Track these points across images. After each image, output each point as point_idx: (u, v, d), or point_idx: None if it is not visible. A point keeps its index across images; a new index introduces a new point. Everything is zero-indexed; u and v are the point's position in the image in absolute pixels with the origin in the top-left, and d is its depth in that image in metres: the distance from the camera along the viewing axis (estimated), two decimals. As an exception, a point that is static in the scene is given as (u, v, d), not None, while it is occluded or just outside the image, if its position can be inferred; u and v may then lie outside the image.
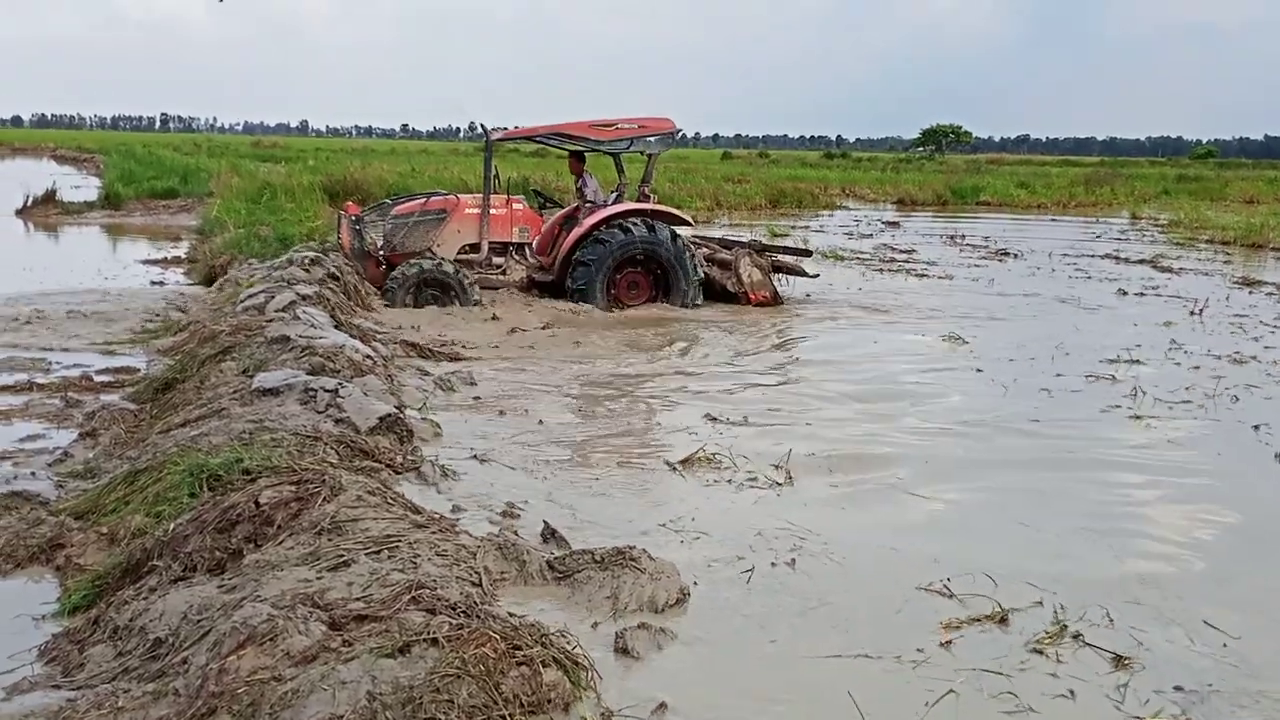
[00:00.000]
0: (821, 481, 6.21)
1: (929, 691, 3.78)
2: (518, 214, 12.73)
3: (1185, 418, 7.90)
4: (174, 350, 8.85)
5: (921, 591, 4.65)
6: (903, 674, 3.92)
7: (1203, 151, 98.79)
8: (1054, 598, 4.60)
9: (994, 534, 5.49)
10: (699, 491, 5.98)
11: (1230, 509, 5.92)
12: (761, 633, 4.23)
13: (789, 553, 5.04)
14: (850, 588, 4.70)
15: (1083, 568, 5.02)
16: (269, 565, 3.99)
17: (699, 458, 6.49)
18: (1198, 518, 5.78)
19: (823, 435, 7.16)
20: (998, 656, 4.08)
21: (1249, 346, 10.85)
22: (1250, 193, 40.93)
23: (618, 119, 12.59)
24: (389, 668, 3.13)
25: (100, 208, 24.85)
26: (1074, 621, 4.37)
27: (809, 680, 3.87)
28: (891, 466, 6.51)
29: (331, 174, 28.11)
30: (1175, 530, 5.59)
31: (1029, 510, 5.81)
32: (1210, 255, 21.12)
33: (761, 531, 5.30)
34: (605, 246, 12.20)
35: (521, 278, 12.67)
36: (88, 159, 52.60)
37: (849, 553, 5.08)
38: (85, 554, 4.65)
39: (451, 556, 4.21)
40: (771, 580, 4.74)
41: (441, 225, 12.39)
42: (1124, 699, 3.79)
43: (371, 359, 7.88)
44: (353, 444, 5.64)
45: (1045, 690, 3.83)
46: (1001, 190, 41.23)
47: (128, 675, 3.52)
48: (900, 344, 10.82)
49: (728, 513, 5.63)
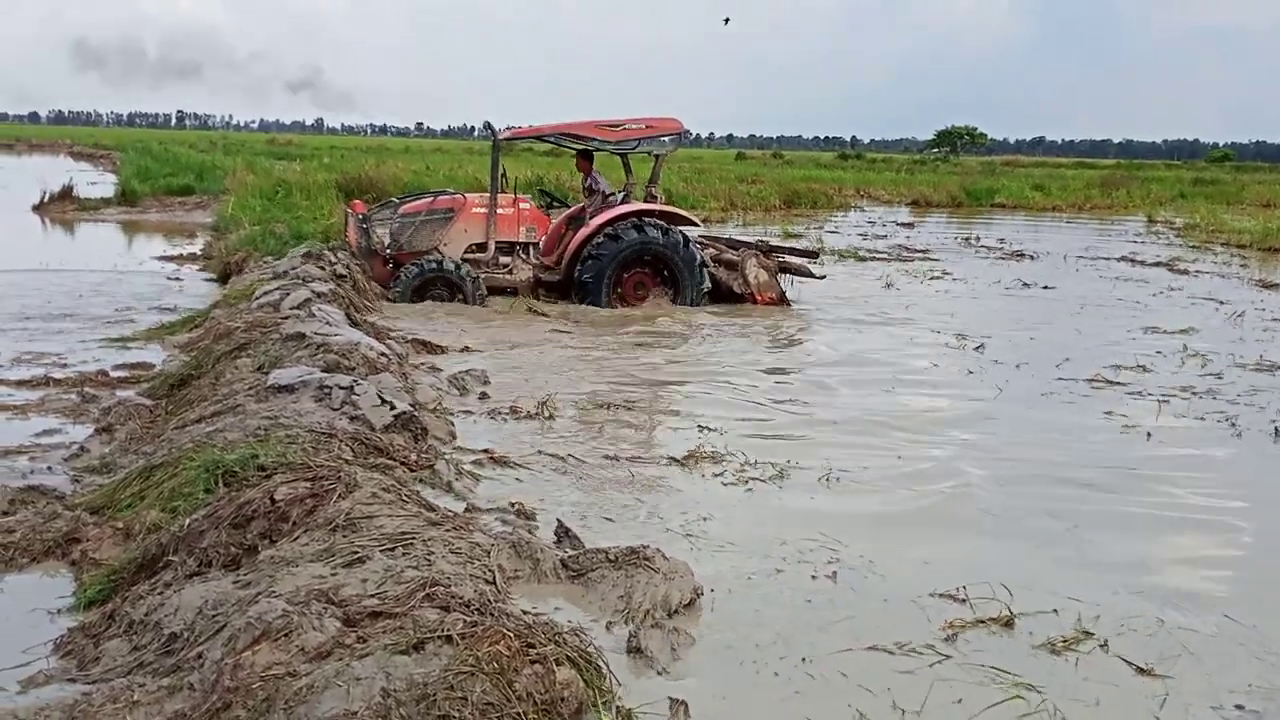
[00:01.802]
0: (843, 489, 6.20)
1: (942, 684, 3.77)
2: (525, 213, 12.79)
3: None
4: (190, 346, 8.88)
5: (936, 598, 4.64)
6: (920, 671, 3.92)
7: (1219, 155, 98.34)
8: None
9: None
10: (710, 490, 5.99)
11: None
12: (778, 634, 4.22)
13: (808, 554, 5.04)
14: (873, 595, 4.70)
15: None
16: (284, 561, 3.99)
17: (702, 454, 6.53)
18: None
19: (835, 441, 7.16)
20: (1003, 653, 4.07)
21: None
22: (1267, 196, 40.61)
23: (625, 119, 12.65)
24: (403, 664, 3.13)
25: (116, 204, 24.97)
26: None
27: (827, 680, 3.87)
28: (924, 476, 6.46)
29: (346, 172, 28.17)
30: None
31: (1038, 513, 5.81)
32: (1226, 259, 21.01)
33: (775, 532, 5.29)
34: (617, 244, 12.22)
35: (528, 277, 12.69)
36: (104, 156, 52.84)
37: (877, 560, 5.07)
38: (101, 549, 4.67)
39: (465, 554, 4.21)
40: (787, 580, 4.74)
41: (449, 224, 12.43)
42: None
43: (386, 357, 7.90)
44: (367, 441, 5.65)
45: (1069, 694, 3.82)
46: (1016, 192, 41.08)
47: (143, 670, 3.53)
48: (915, 346, 10.80)
49: (740, 513, 5.63)
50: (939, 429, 7.46)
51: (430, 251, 12.11)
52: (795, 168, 52.05)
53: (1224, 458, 7.05)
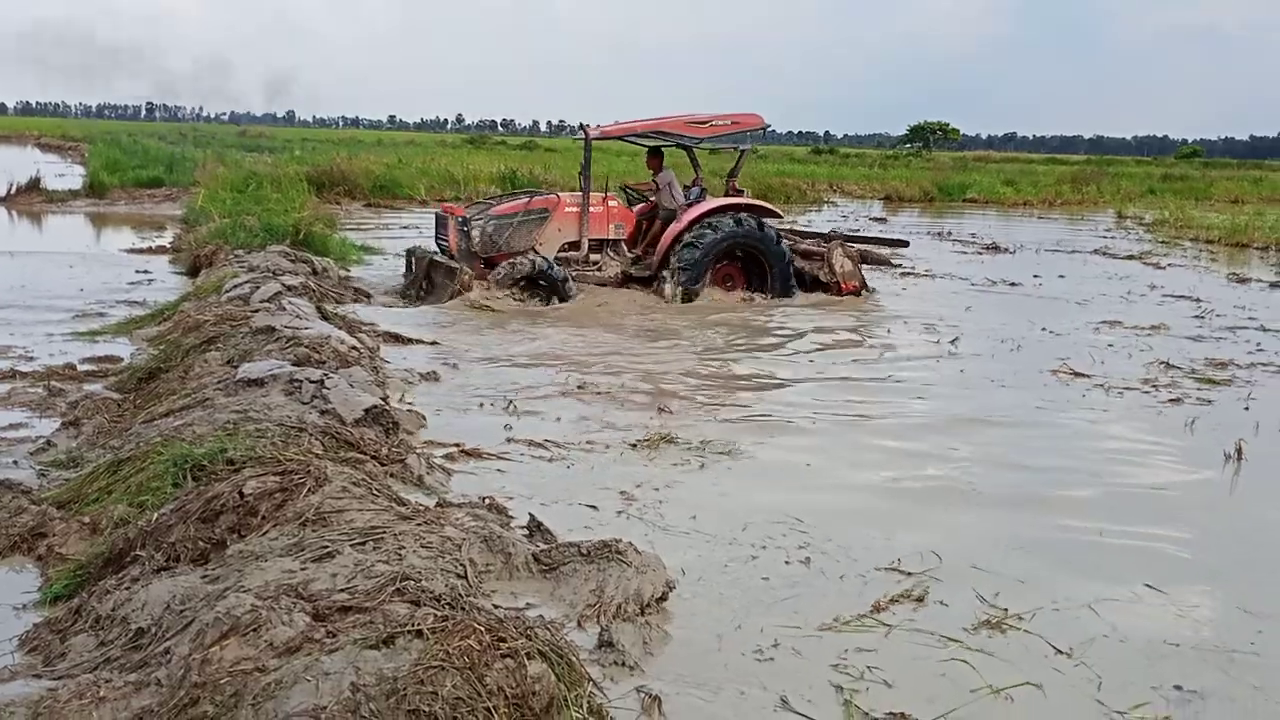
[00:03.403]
0: (812, 477, 6.23)
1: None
2: (613, 211, 13.05)
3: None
4: (158, 339, 8.80)
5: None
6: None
7: (1188, 151, 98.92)
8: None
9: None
10: (677, 476, 6.02)
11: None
12: (750, 624, 4.23)
13: (782, 544, 5.06)
14: (832, 574, 4.72)
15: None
16: (253, 556, 3.96)
17: (659, 440, 6.65)
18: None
19: (812, 429, 7.18)
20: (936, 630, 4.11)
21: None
22: (1235, 193, 41.09)
23: (711, 115, 13.05)
24: (373, 659, 3.11)
25: (85, 196, 24.71)
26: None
27: (798, 670, 3.88)
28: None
29: (318, 164, 28.04)
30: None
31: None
32: (1196, 254, 21.21)
33: (750, 523, 5.33)
34: (715, 234, 12.55)
35: (617, 273, 12.79)
36: (72, 147, 52.27)
37: (848, 544, 5.10)
38: (67, 543, 4.62)
39: (436, 548, 4.19)
40: (761, 573, 4.75)
41: (544, 224, 12.62)
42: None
43: (357, 350, 7.85)
44: (338, 435, 5.62)
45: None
46: (988, 188, 41.28)
47: (109, 665, 3.49)
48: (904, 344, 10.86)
49: (719, 502, 5.66)
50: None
51: (526, 251, 12.28)
52: (769, 162, 52.02)
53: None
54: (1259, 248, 22.32)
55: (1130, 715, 3.68)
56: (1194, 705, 3.79)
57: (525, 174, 31.07)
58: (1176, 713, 3.72)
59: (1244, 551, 5.40)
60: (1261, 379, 9.33)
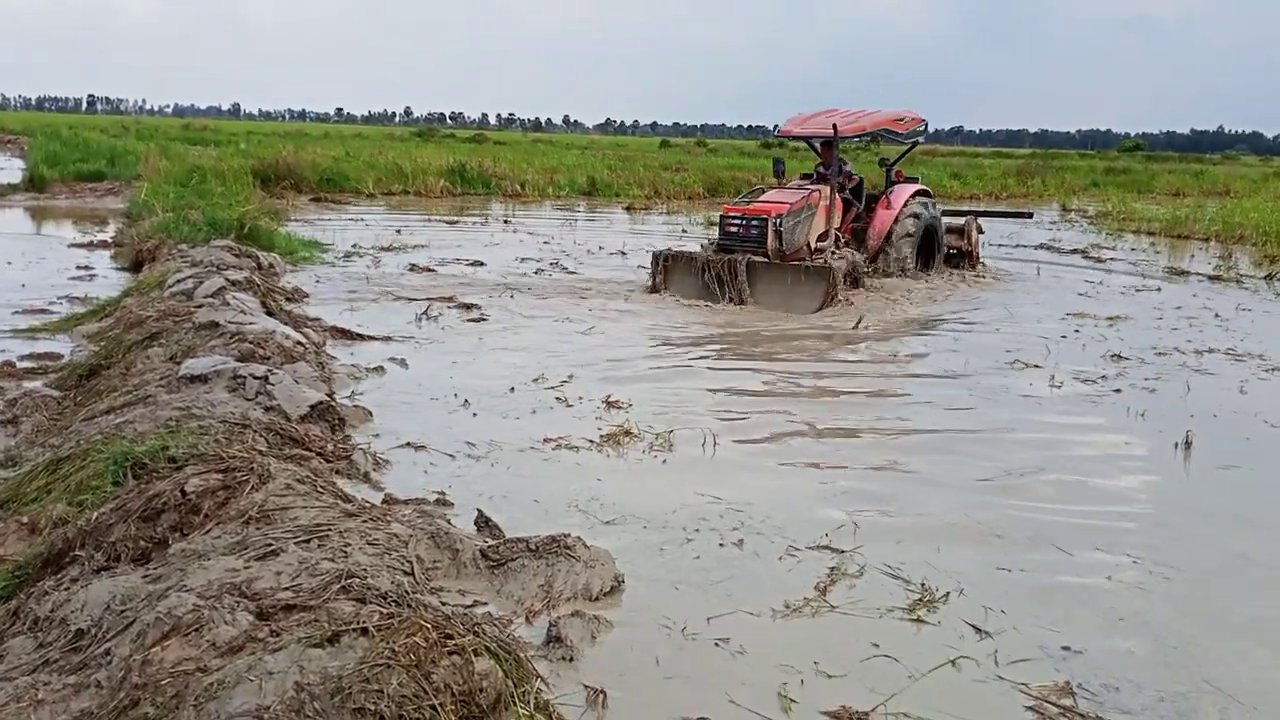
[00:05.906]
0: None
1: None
2: (839, 203, 13.60)
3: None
4: (99, 336, 8.65)
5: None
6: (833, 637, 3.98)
7: (1130, 145, 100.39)
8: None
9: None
10: (632, 473, 6.03)
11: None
12: (698, 615, 4.25)
13: (721, 529, 5.09)
14: (772, 557, 4.75)
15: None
16: (195, 554, 3.91)
17: (624, 434, 6.69)
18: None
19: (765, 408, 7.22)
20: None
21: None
22: (1176, 186, 41.75)
23: (903, 113, 14.64)
24: (317, 658, 3.08)
25: (24, 190, 24.23)
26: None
27: (751, 665, 3.91)
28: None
29: (263, 158, 27.71)
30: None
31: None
32: (1137, 245, 21.56)
33: (682, 508, 5.40)
34: (919, 220, 14.08)
35: (846, 262, 12.69)
36: (11, 141, 51.23)
37: (783, 524, 5.14)
38: (5, 544, 4.53)
39: (383, 545, 4.17)
40: (706, 564, 4.77)
41: (813, 219, 12.90)
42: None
43: (303, 345, 7.78)
44: (283, 432, 5.57)
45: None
46: (935, 180, 41.45)
47: (48, 667, 3.43)
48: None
49: (647, 491, 5.71)
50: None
51: (804, 248, 12.58)
52: (719, 156, 52.14)
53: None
54: (1200, 239, 22.72)
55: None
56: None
57: (474, 167, 30.93)
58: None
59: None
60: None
